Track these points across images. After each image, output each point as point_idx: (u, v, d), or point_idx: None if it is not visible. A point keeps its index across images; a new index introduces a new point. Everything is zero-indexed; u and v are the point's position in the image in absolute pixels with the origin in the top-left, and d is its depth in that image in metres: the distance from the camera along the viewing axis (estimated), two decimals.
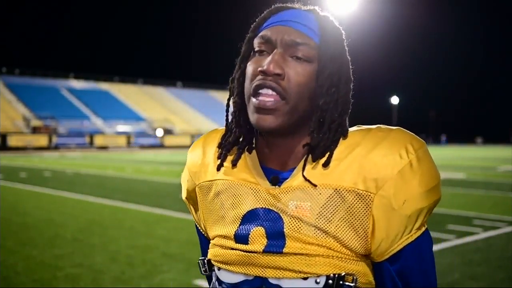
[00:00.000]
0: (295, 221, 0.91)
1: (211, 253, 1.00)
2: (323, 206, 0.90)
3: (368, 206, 0.89)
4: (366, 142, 0.92)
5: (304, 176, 0.91)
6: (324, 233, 0.90)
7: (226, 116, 1.04)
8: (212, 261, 1.00)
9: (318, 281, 0.89)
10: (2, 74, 57.03)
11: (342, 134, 0.95)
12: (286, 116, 0.92)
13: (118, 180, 15.69)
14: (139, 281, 4.71)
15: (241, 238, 0.94)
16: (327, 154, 0.93)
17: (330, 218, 0.90)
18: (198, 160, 1.06)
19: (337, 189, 0.90)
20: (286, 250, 0.90)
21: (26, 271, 5.14)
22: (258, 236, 0.93)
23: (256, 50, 0.96)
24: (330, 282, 0.89)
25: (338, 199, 0.90)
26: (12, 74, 58.34)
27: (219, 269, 0.98)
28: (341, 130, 0.95)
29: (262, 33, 0.96)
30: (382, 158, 0.89)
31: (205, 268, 1.02)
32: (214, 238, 1.01)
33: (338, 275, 0.89)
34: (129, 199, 10.54)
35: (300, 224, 0.90)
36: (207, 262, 1.01)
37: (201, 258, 1.04)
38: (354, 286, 0.89)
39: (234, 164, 0.99)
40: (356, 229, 0.89)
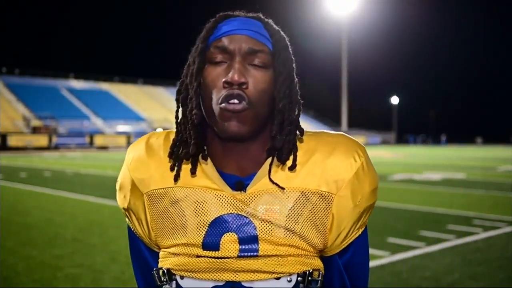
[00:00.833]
0: (267, 224, 0.95)
1: (171, 262, 0.98)
2: (291, 208, 0.96)
3: (329, 205, 0.97)
4: (322, 148, 1.00)
5: (271, 180, 0.96)
6: (292, 233, 0.96)
7: (177, 127, 1.03)
8: (173, 270, 0.98)
9: (289, 279, 0.95)
10: (2, 74, 56.98)
11: (300, 134, 1.02)
12: (253, 122, 0.95)
13: None
14: None
15: (210, 245, 0.95)
16: (291, 158, 0.97)
17: (297, 219, 0.96)
18: (143, 165, 1.02)
19: (303, 191, 0.96)
20: (261, 253, 0.94)
21: (26, 271, 5.14)
22: (229, 241, 0.94)
23: (212, 61, 0.97)
24: (300, 279, 0.96)
25: (303, 201, 0.96)
26: (12, 74, 58.28)
27: (182, 277, 0.97)
28: (299, 130, 1.01)
29: (217, 43, 0.97)
30: (341, 162, 0.98)
31: (165, 278, 0.99)
32: (170, 247, 0.99)
33: (307, 272, 0.96)
34: None
35: (271, 227, 0.95)
36: (167, 271, 0.99)
37: (156, 268, 1.01)
38: (320, 280, 0.98)
39: (193, 172, 0.98)
40: (317, 227, 0.97)
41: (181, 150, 1.00)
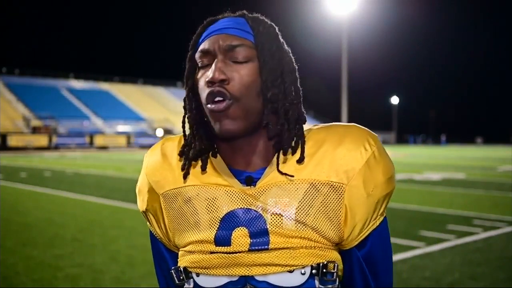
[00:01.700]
0: (277, 217, 0.95)
1: (187, 260, 1.00)
2: (301, 200, 0.95)
3: (340, 196, 0.95)
4: (331, 138, 0.99)
5: (280, 171, 0.96)
6: (304, 225, 0.95)
7: (183, 132, 1.06)
8: (189, 268, 1.00)
9: (303, 272, 0.95)
10: (2, 74, 57.02)
11: (302, 122, 1.01)
12: (243, 117, 0.95)
13: (118, 180, 15.69)
14: (139, 281, 4.71)
15: (222, 240, 0.96)
16: (299, 150, 0.97)
17: (308, 210, 0.95)
18: (158, 169, 1.05)
19: (312, 183, 0.96)
20: (271, 246, 0.94)
21: (26, 271, 5.15)
22: (241, 236, 0.95)
23: (199, 65, 1.00)
24: (314, 271, 0.95)
25: (314, 192, 0.96)
26: (12, 74, 58.32)
27: (198, 275, 0.98)
28: (299, 119, 1.00)
29: (200, 47, 1.00)
30: (350, 151, 0.97)
31: (182, 276, 1.01)
32: (186, 246, 1.01)
33: (321, 264, 0.95)
34: (129, 199, 10.51)
35: (281, 219, 0.95)
36: (184, 270, 1.01)
37: (174, 267, 1.03)
38: (335, 273, 0.96)
39: (203, 169, 1.00)
40: (331, 219, 0.96)
41: (190, 151, 1.02)
